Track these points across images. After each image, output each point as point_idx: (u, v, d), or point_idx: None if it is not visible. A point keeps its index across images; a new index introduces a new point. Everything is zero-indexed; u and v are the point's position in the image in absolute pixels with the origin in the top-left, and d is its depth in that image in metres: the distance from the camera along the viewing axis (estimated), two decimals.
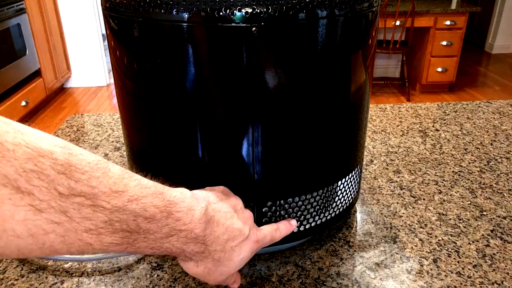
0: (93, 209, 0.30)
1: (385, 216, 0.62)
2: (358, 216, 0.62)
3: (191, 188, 0.39)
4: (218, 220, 0.39)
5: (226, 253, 0.40)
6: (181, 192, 0.37)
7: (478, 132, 0.88)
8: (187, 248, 0.37)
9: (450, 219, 0.61)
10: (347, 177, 0.53)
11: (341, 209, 0.54)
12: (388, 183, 0.70)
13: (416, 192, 0.68)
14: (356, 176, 0.56)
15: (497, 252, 0.55)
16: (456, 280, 0.50)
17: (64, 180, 0.28)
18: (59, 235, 0.29)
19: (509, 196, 0.66)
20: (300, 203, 0.49)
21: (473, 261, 0.53)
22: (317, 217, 0.51)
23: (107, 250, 0.33)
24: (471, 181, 0.71)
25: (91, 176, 0.29)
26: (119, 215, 0.31)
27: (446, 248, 0.56)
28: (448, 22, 3.42)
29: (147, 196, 0.33)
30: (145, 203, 0.33)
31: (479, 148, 0.81)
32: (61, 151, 0.28)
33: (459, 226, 0.60)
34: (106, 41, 3.55)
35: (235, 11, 0.39)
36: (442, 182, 0.70)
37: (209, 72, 0.41)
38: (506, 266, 0.53)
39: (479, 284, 0.50)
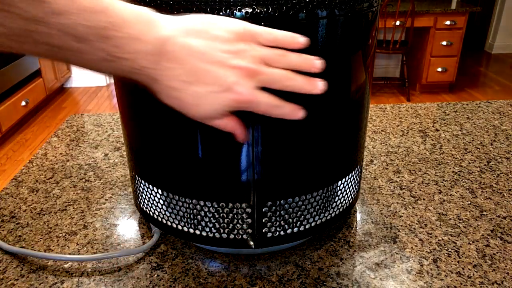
0: (5, 14, 0.27)
1: (385, 216, 0.62)
2: (358, 216, 0.62)
3: (194, 184, 0.39)
4: (182, 58, 0.32)
5: (187, 97, 0.34)
6: (136, 14, 0.31)
7: (478, 132, 0.88)
8: (133, 76, 0.33)
9: (450, 219, 0.61)
10: (347, 177, 0.53)
11: (341, 209, 0.54)
12: (388, 183, 0.70)
13: (416, 192, 0.68)
14: (356, 176, 0.56)
15: (497, 252, 0.55)
16: (456, 280, 0.50)
17: None
18: None
19: (509, 196, 0.66)
20: (300, 203, 0.49)
21: (473, 261, 0.53)
22: (317, 217, 0.51)
23: (40, 56, 0.30)
24: (471, 181, 0.71)
25: None
26: (38, 27, 0.28)
27: (446, 248, 0.56)
28: (448, 22, 3.42)
29: (79, 12, 0.28)
30: (74, 19, 0.28)
31: (479, 148, 0.81)
32: None
33: (459, 226, 0.60)
34: None
35: (235, 11, 0.39)
36: (442, 182, 0.70)
37: None
38: (506, 266, 0.53)
39: (479, 284, 0.50)
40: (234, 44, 0.34)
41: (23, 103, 3.00)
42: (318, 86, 0.37)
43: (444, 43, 3.49)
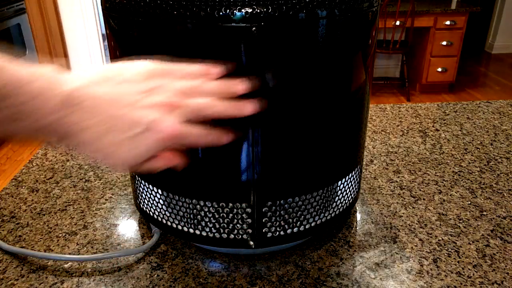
0: None
1: (385, 216, 0.62)
2: (358, 216, 0.62)
3: (194, 184, 0.39)
4: (92, 108, 0.32)
5: (106, 147, 0.33)
6: (34, 72, 0.31)
7: (478, 132, 0.88)
8: (46, 134, 0.32)
9: (450, 219, 0.61)
10: (347, 177, 0.53)
11: (341, 209, 0.54)
12: (388, 183, 0.70)
13: (416, 192, 0.68)
14: (356, 176, 0.56)
15: (497, 252, 0.55)
16: (456, 280, 0.50)
17: None
18: None
19: (509, 196, 0.66)
20: (300, 203, 0.49)
21: (473, 261, 0.53)
22: (317, 217, 0.51)
23: None
24: (471, 181, 0.71)
25: None
26: None
27: (446, 248, 0.56)
28: (448, 22, 3.42)
29: None
30: None
31: (479, 148, 0.81)
32: None
33: (459, 226, 0.60)
34: (106, 41, 3.54)
35: (235, 11, 0.39)
36: (442, 182, 0.70)
37: None
38: (506, 266, 0.52)
39: (479, 284, 0.50)
40: (146, 83, 0.34)
41: None
42: (247, 108, 0.36)
43: (444, 43, 3.49)
